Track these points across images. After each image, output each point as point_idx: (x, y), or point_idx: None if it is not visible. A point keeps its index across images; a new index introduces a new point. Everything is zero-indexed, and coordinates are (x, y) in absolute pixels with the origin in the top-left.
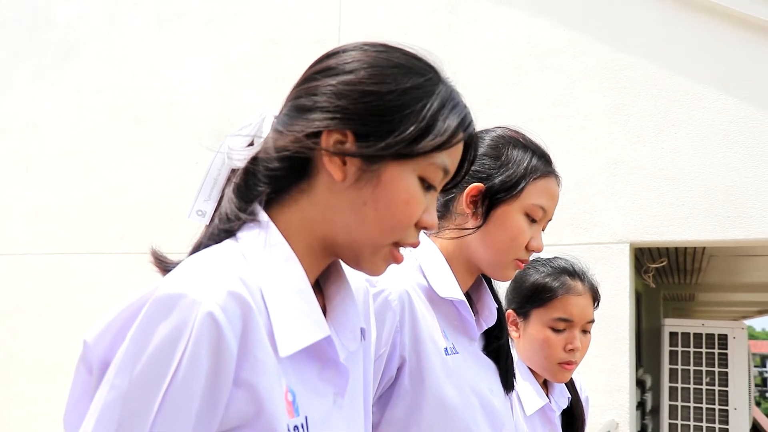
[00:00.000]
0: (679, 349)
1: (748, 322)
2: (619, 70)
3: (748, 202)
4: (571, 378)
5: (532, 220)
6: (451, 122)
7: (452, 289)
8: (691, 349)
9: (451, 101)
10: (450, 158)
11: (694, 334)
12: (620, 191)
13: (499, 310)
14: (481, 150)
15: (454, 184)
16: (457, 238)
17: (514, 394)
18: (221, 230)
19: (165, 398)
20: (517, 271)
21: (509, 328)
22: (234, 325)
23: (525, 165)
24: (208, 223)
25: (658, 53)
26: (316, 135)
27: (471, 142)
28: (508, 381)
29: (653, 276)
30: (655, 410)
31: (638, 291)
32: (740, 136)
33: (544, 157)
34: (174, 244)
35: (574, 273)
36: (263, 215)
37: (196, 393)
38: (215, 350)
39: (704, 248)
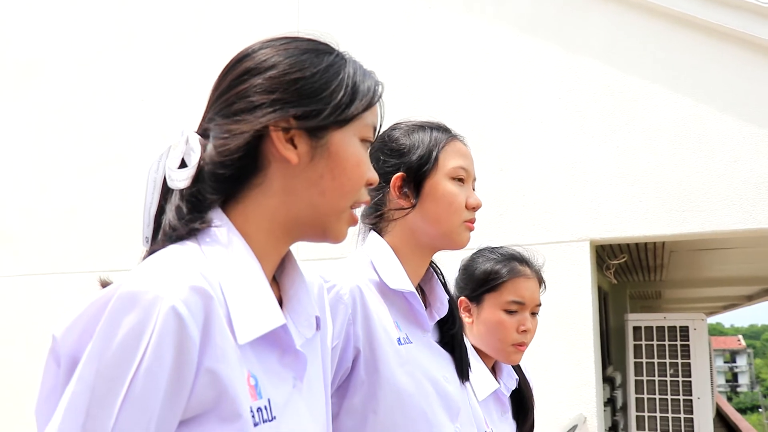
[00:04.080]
0: (643, 342)
1: (716, 318)
2: (573, 73)
3: (701, 196)
4: None
5: (460, 181)
6: (369, 84)
7: (402, 281)
8: (655, 342)
9: (360, 68)
10: (374, 116)
11: (657, 327)
12: (579, 191)
13: (451, 301)
14: (391, 145)
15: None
16: (400, 218)
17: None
18: (165, 240)
19: (130, 388)
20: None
21: (462, 315)
22: (196, 318)
23: (428, 139)
24: (150, 244)
25: (609, 55)
26: (263, 130)
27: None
28: (463, 370)
29: (616, 273)
30: (626, 407)
31: (604, 290)
32: (690, 132)
33: (440, 128)
34: (138, 260)
35: (522, 259)
36: (218, 219)
37: (160, 383)
38: (179, 342)
39: (664, 243)
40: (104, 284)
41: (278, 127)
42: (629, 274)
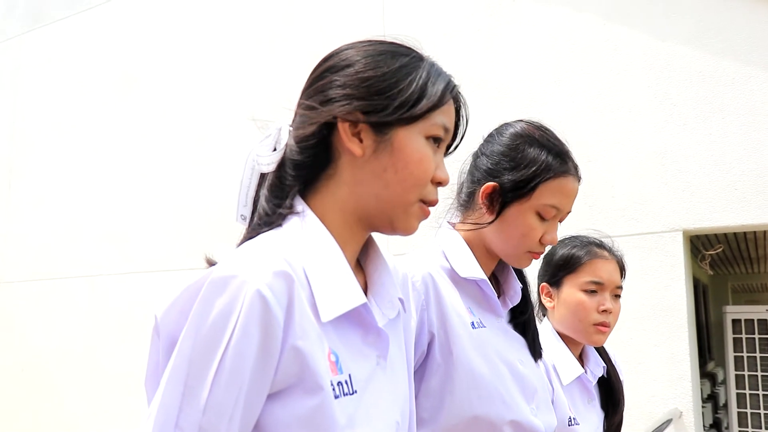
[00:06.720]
0: (743, 336)
1: None
2: (662, 60)
3: None
4: (605, 350)
5: (544, 219)
6: (439, 86)
7: (473, 269)
8: (756, 336)
9: (435, 71)
10: (446, 117)
11: (759, 320)
12: (670, 180)
13: (524, 290)
14: (498, 147)
15: (455, 145)
16: (473, 230)
17: (550, 366)
18: (260, 225)
19: (221, 363)
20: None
21: (544, 301)
22: (280, 300)
23: (538, 165)
24: (248, 224)
25: (701, 39)
26: (332, 123)
27: (459, 102)
28: (535, 349)
29: (714, 265)
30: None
31: (703, 282)
32: None
33: (560, 156)
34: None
35: (600, 244)
36: (299, 205)
37: (248, 358)
38: (264, 322)
39: (765, 233)
40: (209, 262)
41: (345, 120)
42: (729, 265)
